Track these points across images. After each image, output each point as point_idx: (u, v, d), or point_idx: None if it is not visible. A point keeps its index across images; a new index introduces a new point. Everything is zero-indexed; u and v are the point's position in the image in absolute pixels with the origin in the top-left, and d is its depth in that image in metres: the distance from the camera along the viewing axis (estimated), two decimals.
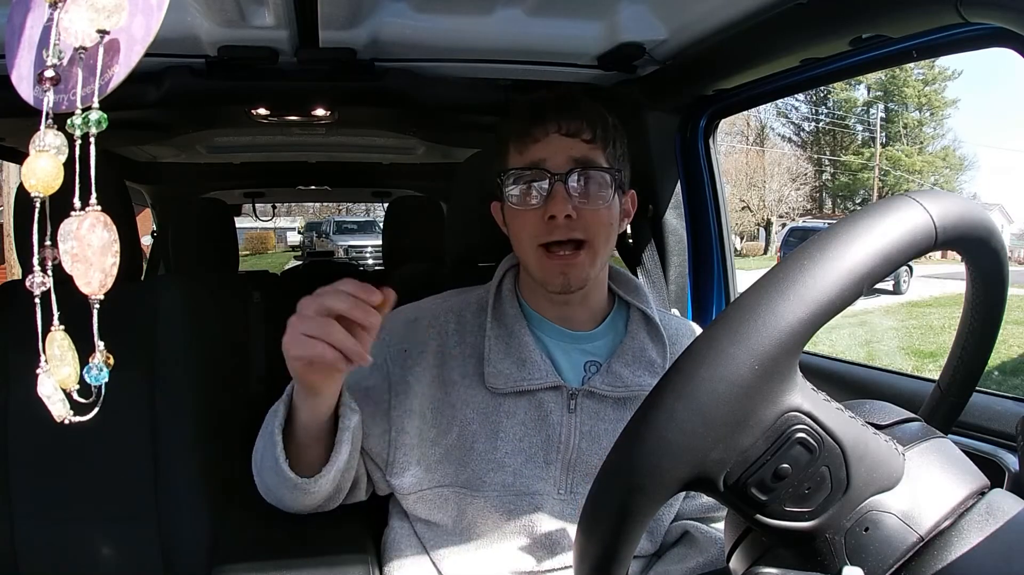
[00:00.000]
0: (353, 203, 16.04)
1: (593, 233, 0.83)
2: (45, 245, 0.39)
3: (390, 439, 0.85)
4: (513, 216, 0.85)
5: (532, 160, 0.83)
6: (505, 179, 0.84)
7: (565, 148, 0.82)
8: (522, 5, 0.97)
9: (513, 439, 0.84)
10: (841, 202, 22.69)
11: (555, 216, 0.80)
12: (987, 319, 0.49)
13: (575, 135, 0.83)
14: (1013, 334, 6.92)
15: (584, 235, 0.82)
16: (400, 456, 0.85)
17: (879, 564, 0.39)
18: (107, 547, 1.02)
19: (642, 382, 0.86)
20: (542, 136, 0.83)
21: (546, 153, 0.82)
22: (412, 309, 0.91)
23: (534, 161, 0.83)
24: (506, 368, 0.84)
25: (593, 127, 0.83)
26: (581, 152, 0.82)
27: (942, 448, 0.43)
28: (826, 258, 0.37)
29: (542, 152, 0.82)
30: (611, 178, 0.83)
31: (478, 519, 0.84)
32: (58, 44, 0.38)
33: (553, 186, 0.81)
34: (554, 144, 0.82)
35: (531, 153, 0.83)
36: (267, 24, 0.97)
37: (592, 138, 0.83)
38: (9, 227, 1.13)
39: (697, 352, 0.38)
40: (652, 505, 0.39)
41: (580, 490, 0.84)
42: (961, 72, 21.43)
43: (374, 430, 0.85)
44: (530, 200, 0.83)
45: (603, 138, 0.84)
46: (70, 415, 0.40)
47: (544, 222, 0.81)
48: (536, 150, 0.83)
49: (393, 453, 0.85)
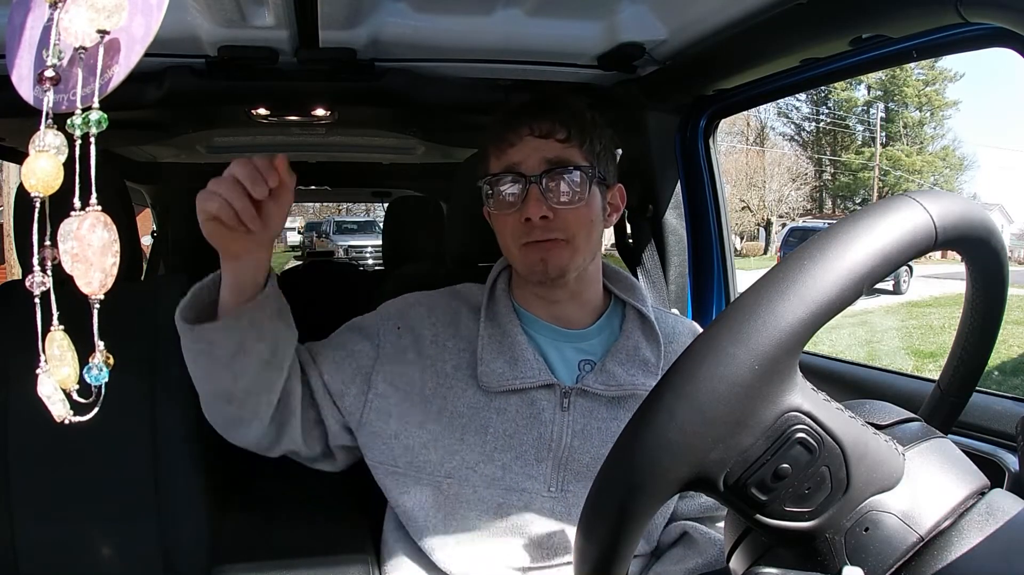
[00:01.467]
0: (353, 203, 16.05)
1: (573, 231, 0.84)
2: (45, 245, 0.39)
3: (366, 400, 0.86)
4: (495, 219, 0.88)
5: (508, 164, 0.85)
6: (484, 185, 0.87)
7: (538, 150, 0.84)
8: (522, 5, 0.97)
9: (503, 435, 0.84)
10: (841, 202, 22.68)
11: (530, 218, 0.82)
12: (987, 319, 0.49)
13: (548, 136, 0.84)
14: (1013, 334, 6.91)
15: (563, 234, 0.84)
16: (373, 418, 0.86)
17: (879, 564, 0.39)
18: (107, 547, 1.02)
19: (636, 381, 0.87)
20: (516, 140, 0.84)
21: (520, 156, 0.84)
22: (412, 296, 0.93)
23: (510, 165, 0.85)
24: (499, 367, 0.85)
25: (567, 126, 0.84)
26: (555, 152, 0.84)
27: (942, 448, 0.43)
28: (826, 258, 0.38)
29: (517, 155, 0.84)
30: (587, 175, 0.84)
31: (467, 513, 0.84)
32: (58, 44, 0.38)
33: (527, 188, 0.83)
34: (528, 146, 0.84)
35: (507, 157, 0.85)
36: (267, 24, 0.97)
37: (566, 137, 0.84)
38: (9, 227, 1.13)
39: (697, 352, 0.38)
40: (652, 505, 0.39)
41: (571, 488, 0.84)
42: (963, 75, 21.46)
43: (351, 388, 0.87)
44: (507, 203, 0.85)
45: (579, 136, 0.85)
46: (70, 415, 0.40)
47: (522, 224, 0.83)
48: (512, 154, 0.85)
49: (368, 414, 0.86)
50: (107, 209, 0.38)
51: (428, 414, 0.85)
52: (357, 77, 1.15)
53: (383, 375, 0.86)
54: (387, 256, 2.02)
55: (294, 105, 1.41)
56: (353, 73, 1.14)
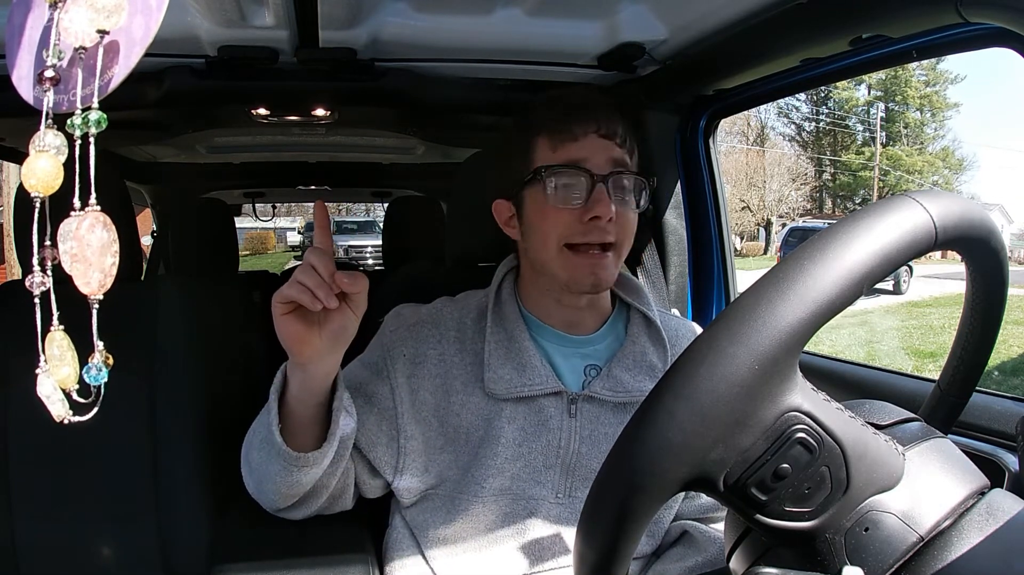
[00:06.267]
0: (353, 203, 16.04)
1: (623, 237, 0.82)
2: (45, 245, 0.39)
3: (399, 446, 0.84)
4: (544, 214, 0.82)
5: (571, 158, 0.81)
6: (544, 175, 0.81)
7: (605, 149, 0.81)
8: (522, 5, 0.97)
9: (513, 444, 0.83)
10: (841, 202, 22.68)
11: (599, 217, 0.79)
12: (987, 319, 0.49)
13: (611, 137, 0.81)
14: (1013, 334, 6.92)
15: (616, 238, 0.81)
16: (409, 463, 0.84)
17: (879, 564, 0.39)
18: (107, 547, 1.02)
19: (643, 387, 0.85)
20: (581, 135, 0.81)
21: (586, 152, 0.81)
22: (412, 314, 0.90)
23: (573, 160, 0.81)
24: (506, 374, 0.83)
25: (626, 131, 0.83)
26: (618, 155, 0.82)
27: (942, 448, 0.43)
28: (826, 258, 0.37)
29: (582, 151, 0.81)
30: (639, 184, 0.83)
31: (475, 523, 0.83)
32: (58, 44, 0.38)
33: (596, 186, 0.80)
34: (593, 144, 0.81)
35: (568, 151, 0.81)
36: (267, 24, 0.97)
37: (623, 142, 0.82)
38: (9, 227, 1.13)
39: (697, 352, 0.38)
40: (652, 505, 0.39)
41: (579, 494, 0.84)
42: (965, 77, 21.46)
43: (380, 438, 0.84)
44: (571, 199, 0.81)
45: (631, 143, 0.84)
46: (70, 415, 0.40)
47: (582, 222, 0.80)
48: (574, 149, 0.81)
49: (403, 460, 0.84)
50: (107, 209, 0.38)
51: (446, 436, 0.84)
52: (357, 77, 1.15)
53: (406, 416, 0.84)
54: (387, 256, 2.02)
55: (294, 105, 1.41)
56: (353, 73, 1.14)
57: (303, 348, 0.71)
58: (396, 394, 0.85)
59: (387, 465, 0.85)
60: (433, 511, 0.85)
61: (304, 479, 0.77)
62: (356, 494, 0.88)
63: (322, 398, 0.76)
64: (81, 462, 1.02)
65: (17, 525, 1.01)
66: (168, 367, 1.06)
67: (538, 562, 0.84)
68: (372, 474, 0.86)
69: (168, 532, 1.02)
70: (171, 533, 1.02)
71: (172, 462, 1.04)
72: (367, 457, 0.85)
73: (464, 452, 0.84)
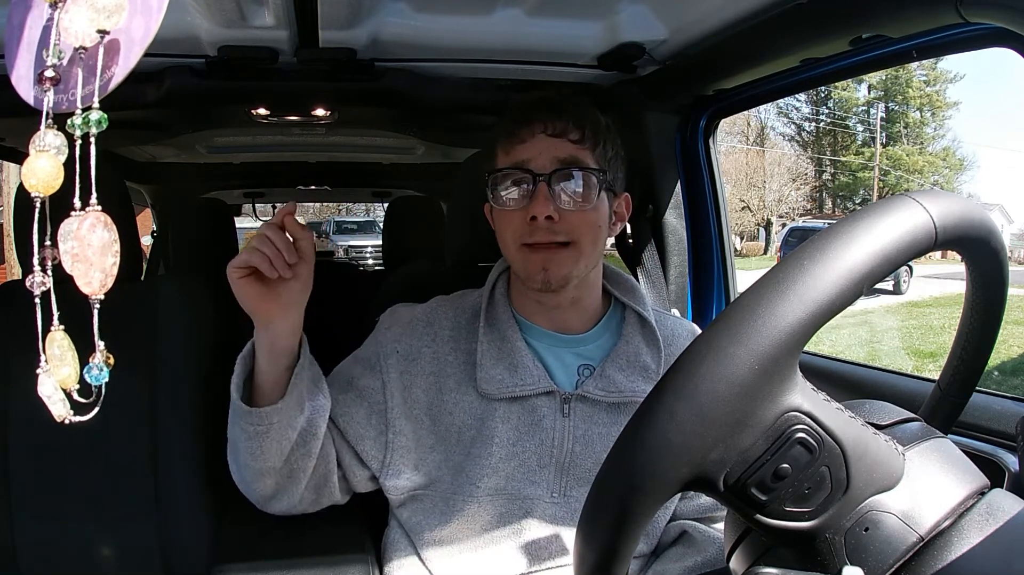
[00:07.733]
0: (353, 203, 16.03)
1: (578, 235, 0.82)
2: (45, 245, 0.39)
3: (387, 441, 0.85)
4: (498, 216, 0.85)
5: (517, 160, 0.83)
6: (490, 179, 0.84)
7: (550, 148, 0.82)
8: (522, 5, 0.97)
9: (507, 444, 0.83)
10: (841, 202, 22.67)
11: (536, 217, 0.80)
12: (987, 319, 0.49)
13: (561, 135, 0.82)
14: (1013, 334, 6.91)
15: (567, 237, 0.82)
16: (397, 459, 0.85)
17: (879, 564, 0.39)
18: (107, 547, 1.02)
19: (636, 387, 0.86)
20: (528, 137, 0.82)
21: (531, 153, 0.82)
22: (407, 312, 0.91)
23: (519, 162, 0.82)
24: (498, 374, 0.84)
25: (580, 127, 0.82)
26: (567, 152, 0.82)
27: (942, 448, 0.43)
28: (826, 258, 0.37)
29: (527, 152, 0.82)
30: (597, 179, 0.82)
31: (471, 523, 0.84)
32: (58, 44, 0.38)
33: (536, 186, 0.81)
34: (539, 144, 0.82)
35: (516, 153, 0.83)
36: (267, 24, 0.97)
37: (580, 138, 0.82)
38: (9, 227, 1.13)
39: (697, 352, 0.38)
40: (652, 505, 0.39)
41: (573, 494, 0.84)
42: (964, 76, 21.45)
43: (369, 431, 0.85)
44: (513, 200, 0.83)
45: (592, 139, 0.83)
46: (70, 415, 0.40)
47: (527, 223, 0.81)
48: (521, 150, 0.82)
49: (390, 455, 0.85)
50: (107, 209, 0.38)
51: (437, 434, 0.85)
52: (357, 77, 1.15)
53: (395, 411, 0.85)
54: (387, 256, 2.02)
55: (294, 105, 1.41)
56: (353, 73, 1.14)
57: (266, 306, 0.75)
58: (387, 389, 0.85)
59: (374, 459, 0.85)
60: (428, 512, 0.85)
61: (267, 447, 0.77)
62: (347, 488, 0.88)
63: (290, 361, 0.78)
64: (81, 462, 1.02)
65: (17, 525, 1.01)
66: (168, 367, 1.06)
67: (536, 562, 0.84)
68: (361, 466, 0.87)
69: (168, 532, 1.02)
70: (171, 533, 1.02)
71: (172, 462, 1.03)
72: (355, 449, 0.86)
73: (456, 451, 0.84)
